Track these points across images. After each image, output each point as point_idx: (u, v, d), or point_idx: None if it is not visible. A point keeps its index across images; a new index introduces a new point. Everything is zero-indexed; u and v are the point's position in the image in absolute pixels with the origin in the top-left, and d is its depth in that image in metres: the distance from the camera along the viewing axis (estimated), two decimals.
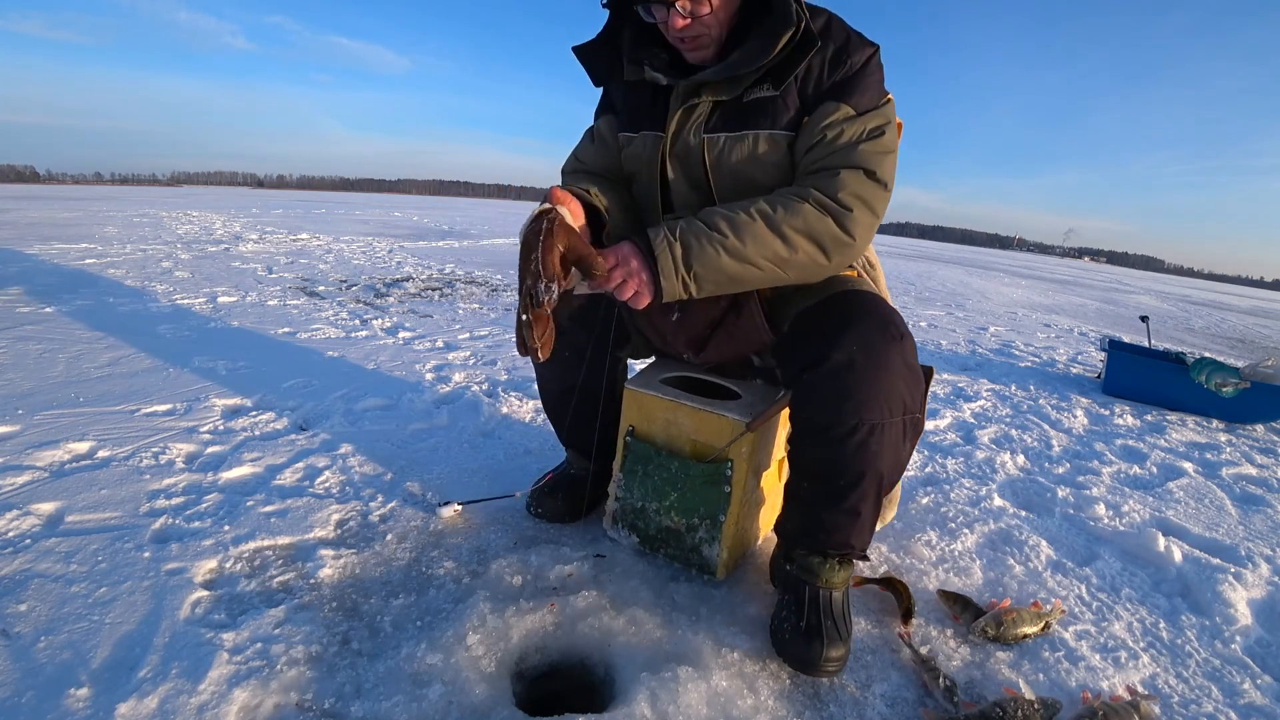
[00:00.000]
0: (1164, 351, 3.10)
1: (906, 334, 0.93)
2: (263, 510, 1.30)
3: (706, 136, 1.02)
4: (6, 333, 2.37)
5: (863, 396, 0.90)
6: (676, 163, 1.06)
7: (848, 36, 0.99)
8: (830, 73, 0.97)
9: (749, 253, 0.91)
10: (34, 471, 1.37)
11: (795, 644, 0.97)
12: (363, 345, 2.63)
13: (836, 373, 0.90)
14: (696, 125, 1.03)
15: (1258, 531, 1.63)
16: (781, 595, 1.07)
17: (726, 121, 1.01)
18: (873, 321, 0.92)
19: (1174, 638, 1.15)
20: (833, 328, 0.93)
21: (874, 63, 0.98)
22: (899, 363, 0.91)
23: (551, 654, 1.00)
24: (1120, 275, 24.87)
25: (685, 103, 1.03)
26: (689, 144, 1.04)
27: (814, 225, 0.93)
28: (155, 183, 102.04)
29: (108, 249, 4.83)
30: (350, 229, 8.44)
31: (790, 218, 0.92)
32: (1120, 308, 8.26)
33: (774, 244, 0.92)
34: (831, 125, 0.95)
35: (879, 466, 0.94)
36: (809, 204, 0.93)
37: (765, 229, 0.91)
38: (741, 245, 0.91)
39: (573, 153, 1.23)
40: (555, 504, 1.34)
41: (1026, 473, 1.90)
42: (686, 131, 1.04)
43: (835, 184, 0.93)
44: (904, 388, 0.92)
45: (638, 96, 1.11)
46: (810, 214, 0.92)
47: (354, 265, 5.02)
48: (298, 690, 0.87)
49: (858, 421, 0.90)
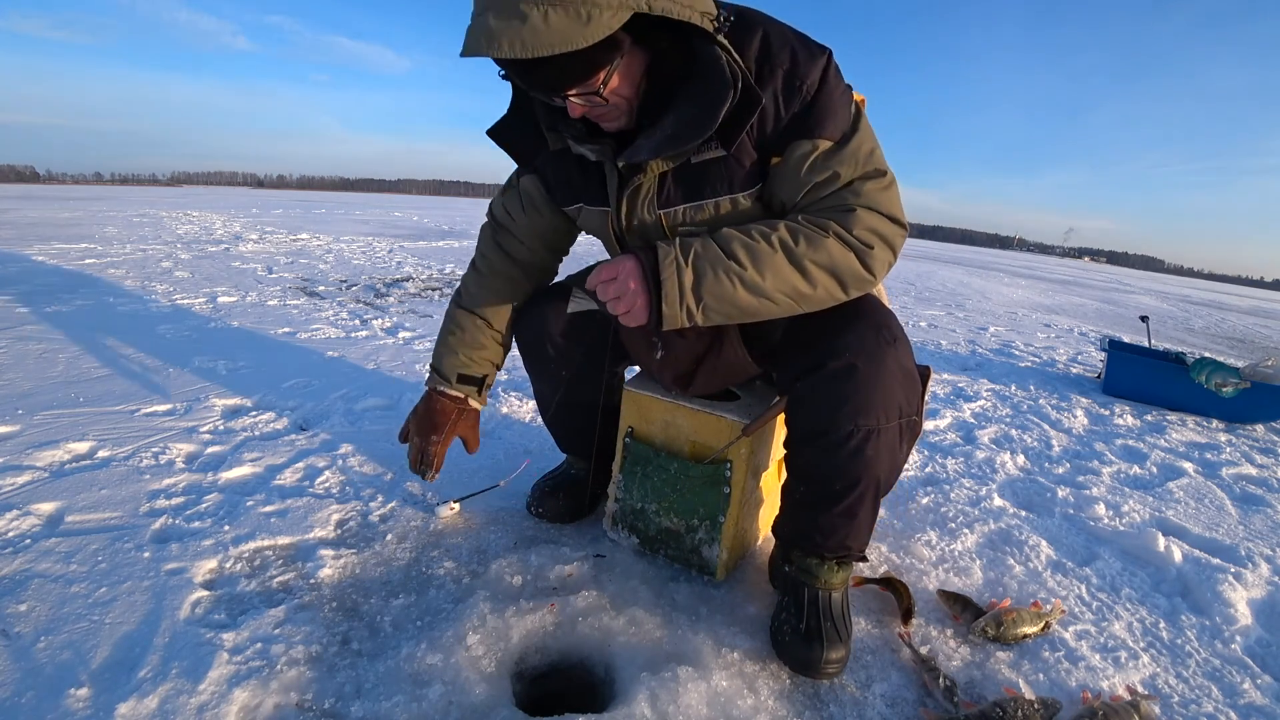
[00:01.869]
0: (1164, 351, 3.10)
1: (901, 336, 0.92)
2: (263, 510, 1.30)
3: (662, 212, 0.95)
4: (6, 333, 2.37)
5: (859, 402, 0.89)
6: (635, 237, 0.99)
7: (793, 53, 0.85)
8: (786, 104, 0.85)
9: (766, 287, 0.84)
10: (34, 471, 1.37)
11: (795, 646, 0.96)
12: (363, 345, 2.63)
13: (832, 379, 0.90)
14: (648, 201, 0.95)
15: (1258, 531, 1.63)
16: (781, 597, 1.07)
17: (680, 192, 0.93)
18: (867, 326, 0.91)
19: (1174, 638, 1.15)
20: (828, 333, 0.92)
21: (830, 75, 0.86)
22: (894, 367, 0.90)
23: (551, 654, 1.00)
24: (1120, 275, 24.88)
25: (628, 184, 0.94)
26: (645, 221, 0.97)
27: (837, 260, 0.85)
28: (155, 183, 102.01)
29: (108, 249, 4.83)
30: (350, 229, 8.44)
31: (813, 252, 0.84)
32: (1120, 308, 8.26)
33: (794, 279, 0.85)
34: (815, 168, 0.86)
35: (876, 471, 0.93)
36: (830, 237, 0.85)
37: (786, 262, 0.84)
38: (760, 279, 0.84)
39: (501, 203, 1.17)
40: (556, 504, 1.34)
41: (1026, 473, 1.90)
42: (639, 209, 0.96)
43: (852, 220, 0.85)
44: (900, 391, 0.91)
45: (564, 167, 1.03)
46: (834, 248, 0.85)
47: (354, 265, 5.02)
48: (298, 690, 0.87)
49: (854, 427, 0.90)
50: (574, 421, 1.31)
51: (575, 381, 1.22)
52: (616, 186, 0.96)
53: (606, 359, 1.18)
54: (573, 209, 1.08)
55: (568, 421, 1.33)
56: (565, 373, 1.21)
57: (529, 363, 1.27)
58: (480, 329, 1.21)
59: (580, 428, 1.29)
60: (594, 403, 1.21)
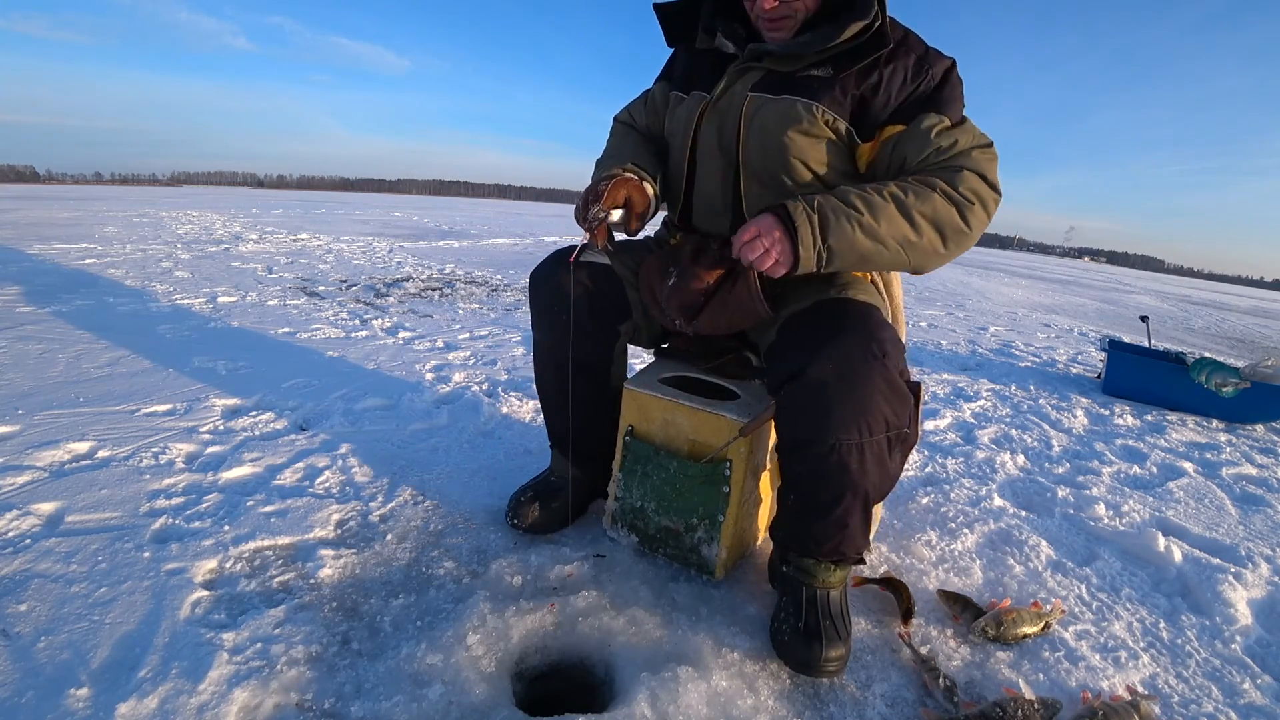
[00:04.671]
0: (1164, 351, 3.09)
1: (893, 351, 0.91)
2: (263, 510, 1.30)
3: (750, 94, 1.05)
4: (6, 333, 2.37)
5: (838, 416, 0.89)
6: (715, 116, 1.08)
7: (926, 48, 1.02)
8: (913, 80, 1.00)
9: (881, 232, 0.93)
10: (34, 471, 1.37)
11: (795, 645, 0.97)
12: (363, 345, 2.63)
13: (811, 390, 0.90)
14: (745, 84, 1.06)
15: (1258, 531, 1.63)
16: (780, 597, 1.07)
17: (774, 85, 1.04)
18: (855, 338, 0.90)
19: (1174, 638, 1.15)
20: (814, 340, 0.92)
21: (954, 75, 1.01)
22: (878, 381, 0.89)
23: (551, 654, 1.00)
24: (1120, 275, 24.87)
25: (743, 68, 1.07)
26: (733, 98, 1.07)
27: (940, 213, 0.95)
28: (155, 183, 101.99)
29: (108, 249, 4.83)
30: (350, 229, 8.44)
31: (920, 203, 0.94)
32: (1120, 308, 8.27)
33: (903, 226, 0.93)
34: (943, 134, 0.97)
35: (863, 484, 0.93)
36: (938, 193, 0.95)
37: (896, 211, 0.93)
38: (876, 224, 0.92)
39: (626, 106, 1.33)
40: (533, 513, 1.27)
41: (1026, 473, 1.90)
42: (735, 85, 1.07)
43: (959, 179, 0.96)
44: (885, 406, 0.90)
45: (699, 63, 1.15)
46: (939, 202, 0.94)
47: (354, 265, 5.02)
48: (298, 690, 0.87)
49: (835, 441, 0.90)
50: (563, 390, 1.24)
51: (574, 332, 1.17)
52: (733, 69, 1.08)
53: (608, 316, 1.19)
54: (677, 97, 1.18)
55: (557, 384, 1.25)
56: (565, 317, 1.16)
57: (533, 303, 1.23)
58: (639, 152, 1.20)
59: (570, 402, 1.24)
60: (588, 366, 1.20)
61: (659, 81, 1.27)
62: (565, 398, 1.26)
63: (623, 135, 1.27)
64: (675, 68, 1.23)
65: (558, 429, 1.33)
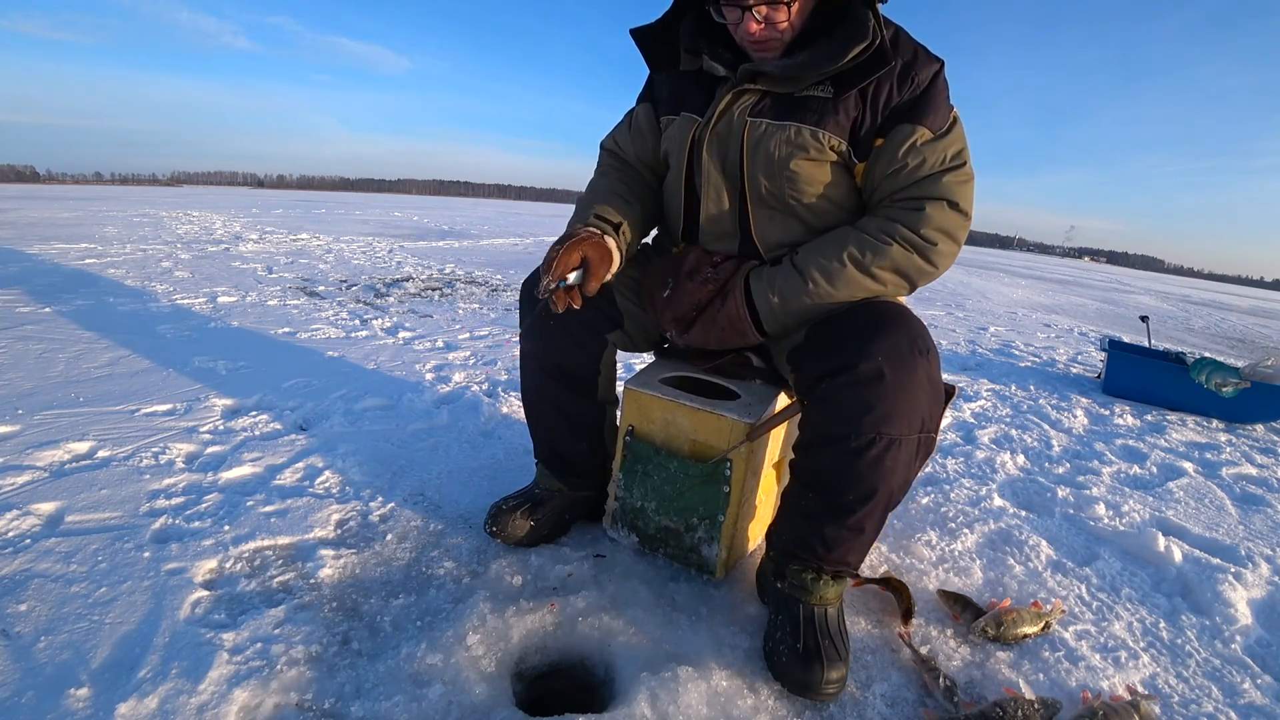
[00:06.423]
0: (1164, 351, 3.09)
1: (933, 348, 0.92)
2: (263, 510, 1.30)
3: (750, 119, 1.02)
4: (6, 333, 2.37)
5: (886, 409, 0.88)
6: (715, 141, 1.05)
7: (915, 52, 0.98)
8: (899, 91, 0.96)
9: (841, 298, 0.98)
10: (34, 471, 1.37)
11: (794, 667, 0.93)
12: (363, 345, 2.63)
13: (860, 383, 0.88)
14: (743, 109, 1.03)
15: (1258, 531, 1.63)
16: (774, 614, 1.03)
17: (773, 110, 1.01)
18: (901, 333, 0.90)
19: (1174, 638, 1.15)
20: (858, 337, 0.91)
21: (940, 79, 0.98)
22: (924, 378, 0.89)
23: (551, 654, 1.00)
24: (1120, 275, 24.87)
25: (737, 92, 1.03)
26: (732, 123, 1.04)
27: (900, 263, 0.97)
28: (155, 183, 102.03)
29: (108, 249, 4.83)
30: (350, 229, 8.44)
31: (878, 260, 0.97)
32: (1120, 308, 8.26)
33: (865, 283, 0.98)
34: (912, 151, 0.95)
35: (891, 483, 0.92)
36: (895, 243, 0.96)
37: (856, 273, 0.97)
38: (834, 293, 0.98)
39: (612, 132, 1.28)
40: (513, 524, 1.22)
41: (1026, 473, 1.90)
42: (732, 112, 1.04)
43: (919, 219, 0.96)
44: (925, 405, 0.90)
45: (684, 82, 1.12)
46: (897, 254, 0.96)
47: (354, 265, 5.02)
48: (298, 690, 0.87)
49: (876, 435, 0.89)
50: (546, 399, 1.23)
51: (561, 338, 1.16)
52: (726, 93, 1.04)
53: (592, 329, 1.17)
54: (667, 119, 1.15)
55: (542, 393, 1.23)
56: (553, 323, 1.14)
57: (522, 308, 1.21)
58: (610, 196, 1.16)
59: (554, 415, 1.22)
60: (575, 376, 1.19)
61: (642, 104, 1.22)
62: (548, 406, 1.23)
63: (601, 174, 1.23)
64: (659, 89, 1.18)
65: (541, 440, 1.30)
